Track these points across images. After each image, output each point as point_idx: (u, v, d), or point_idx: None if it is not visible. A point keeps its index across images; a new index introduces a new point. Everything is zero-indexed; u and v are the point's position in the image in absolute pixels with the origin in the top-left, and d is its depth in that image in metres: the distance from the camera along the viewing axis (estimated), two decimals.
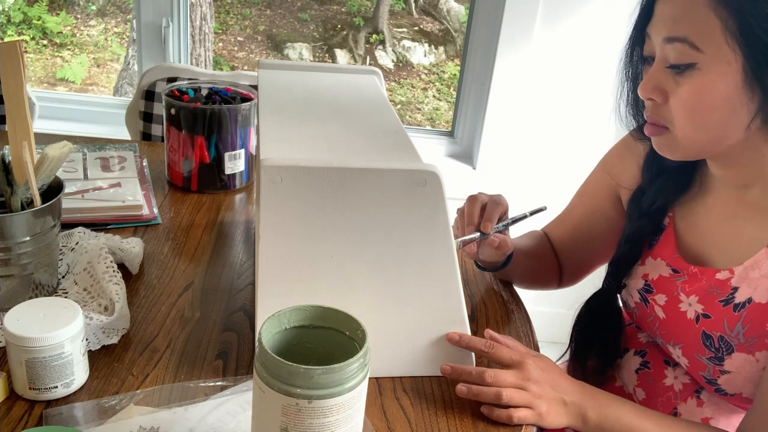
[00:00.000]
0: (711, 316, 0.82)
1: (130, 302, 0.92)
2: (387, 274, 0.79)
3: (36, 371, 0.72)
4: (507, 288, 1.07)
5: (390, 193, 0.75)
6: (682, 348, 0.86)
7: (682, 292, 0.85)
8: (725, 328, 0.80)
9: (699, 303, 0.83)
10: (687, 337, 0.84)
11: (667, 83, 0.75)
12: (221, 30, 4.33)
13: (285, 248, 0.76)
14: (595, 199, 1.03)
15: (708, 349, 0.82)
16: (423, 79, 4.36)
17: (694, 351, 0.84)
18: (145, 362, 0.82)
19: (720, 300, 0.81)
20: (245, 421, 0.73)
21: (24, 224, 0.82)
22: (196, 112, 1.21)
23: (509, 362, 0.79)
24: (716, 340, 0.81)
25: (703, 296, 0.83)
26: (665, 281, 0.88)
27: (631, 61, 0.84)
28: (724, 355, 0.80)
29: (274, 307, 0.78)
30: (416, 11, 4.52)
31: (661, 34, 0.74)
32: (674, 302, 0.86)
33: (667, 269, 0.88)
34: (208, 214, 1.20)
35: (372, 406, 0.78)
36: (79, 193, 1.16)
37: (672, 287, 0.87)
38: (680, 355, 0.86)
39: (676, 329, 0.86)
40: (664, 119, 0.77)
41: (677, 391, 0.89)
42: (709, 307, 0.82)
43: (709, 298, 0.82)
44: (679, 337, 0.86)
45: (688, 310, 0.84)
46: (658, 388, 0.91)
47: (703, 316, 0.82)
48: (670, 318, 0.87)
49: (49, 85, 4.01)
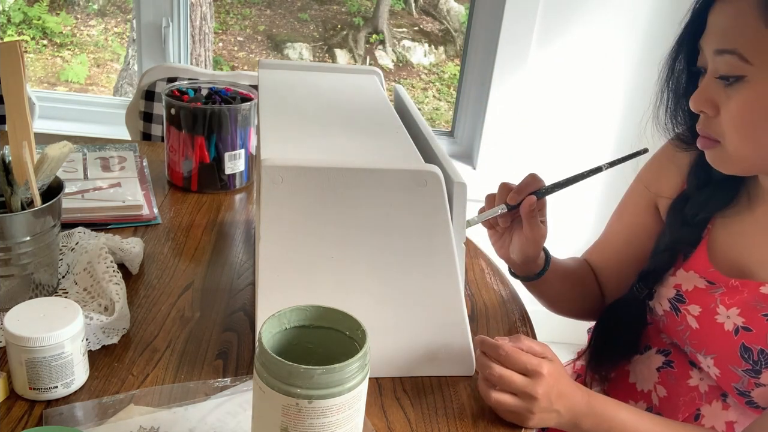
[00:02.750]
0: (753, 329, 0.80)
1: (130, 302, 0.92)
2: (387, 274, 0.79)
3: (36, 371, 0.72)
4: (507, 288, 1.07)
5: (390, 194, 0.75)
6: (714, 359, 0.84)
7: (721, 304, 0.83)
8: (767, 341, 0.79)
9: (740, 316, 0.81)
10: (722, 348, 0.83)
11: (718, 96, 0.74)
12: (221, 30, 4.33)
13: (285, 248, 0.76)
14: (637, 218, 0.98)
15: (746, 362, 0.81)
16: (423, 79, 4.37)
17: (729, 362, 0.82)
18: (145, 362, 0.82)
19: (764, 314, 0.79)
20: (245, 421, 0.73)
21: (24, 224, 0.82)
22: (196, 112, 1.21)
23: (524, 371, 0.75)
24: (756, 354, 0.80)
25: (746, 309, 0.81)
26: (700, 292, 0.86)
27: (673, 71, 0.83)
28: (763, 368, 0.79)
29: (274, 307, 0.78)
30: (416, 11, 4.52)
31: (712, 46, 0.74)
32: (710, 314, 0.84)
33: (702, 281, 0.86)
34: (208, 214, 1.20)
35: (372, 406, 0.78)
36: (79, 193, 1.16)
37: (708, 299, 0.85)
38: (711, 365, 0.85)
39: (709, 340, 0.84)
40: (715, 133, 0.76)
41: (702, 393, 0.88)
42: (752, 321, 0.80)
43: (752, 311, 0.80)
44: (712, 347, 0.84)
45: (725, 322, 0.83)
46: (682, 388, 0.90)
47: (743, 329, 0.81)
48: (705, 329, 0.85)
49: (49, 85, 4.01)
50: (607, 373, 0.99)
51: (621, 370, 0.97)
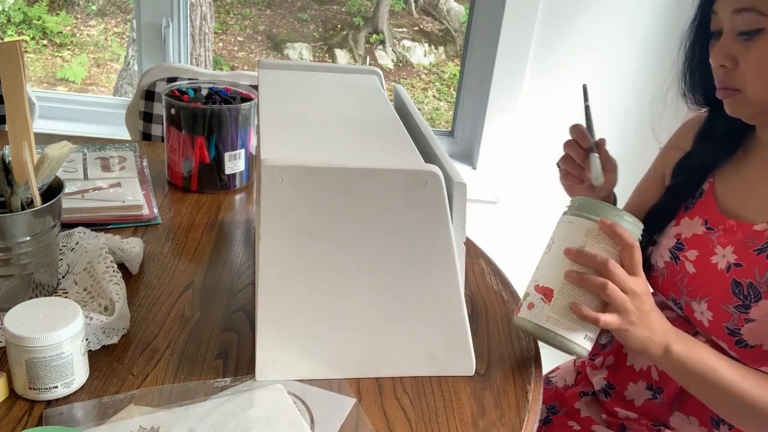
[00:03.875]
0: (743, 264, 0.86)
1: (130, 302, 0.92)
2: (387, 274, 0.79)
3: (36, 371, 0.72)
4: (507, 288, 1.07)
5: (390, 194, 0.75)
6: (708, 302, 0.88)
7: (717, 244, 0.89)
8: (756, 275, 0.84)
9: (733, 253, 0.87)
10: (715, 288, 0.88)
11: (737, 50, 0.82)
12: (221, 30, 4.33)
13: (285, 248, 0.76)
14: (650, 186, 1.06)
15: (736, 297, 0.85)
16: (423, 79, 4.37)
17: (721, 301, 0.87)
18: (145, 362, 0.82)
19: (754, 249, 0.85)
20: (245, 421, 0.73)
21: (24, 224, 0.82)
22: (196, 112, 1.21)
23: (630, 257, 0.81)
24: (745, 287, 0.85)
25: (739, 247, 0.87)
26: (698, 238, 0.92)
27: (696, 38, 0.92)
28: (752, 302, 0.84)
29: (274, 307, 0.78)
30: (416, 11, 4.52)
31: (730, 6, 0.82)
32: (707, 256, 0.90)
33: (702, 227, 0.93)
34: (208, 214, 1.20)
35: (372, 406, 0.78)
36: (79, 193, 1.16)
37: (706, 242, 0.91)
38: (705, 310, 0.89)
39: (704, 282, 0.89)
40: (736, 83, 0.84)
41: None
42: (743, 257, 0.86)
43: (744, 248, 0.86)
44: (706, 289, 0.89)
45: (719, 261, 0.88)
46: None
47: (734, 265, 0.86)
48: (700, 271, 0.90)
49: (49, 85, 4.01)
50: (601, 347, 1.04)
51: (618, 354, 1.00)
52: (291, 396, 0.78)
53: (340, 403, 0.78)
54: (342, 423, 0.75)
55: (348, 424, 0.75)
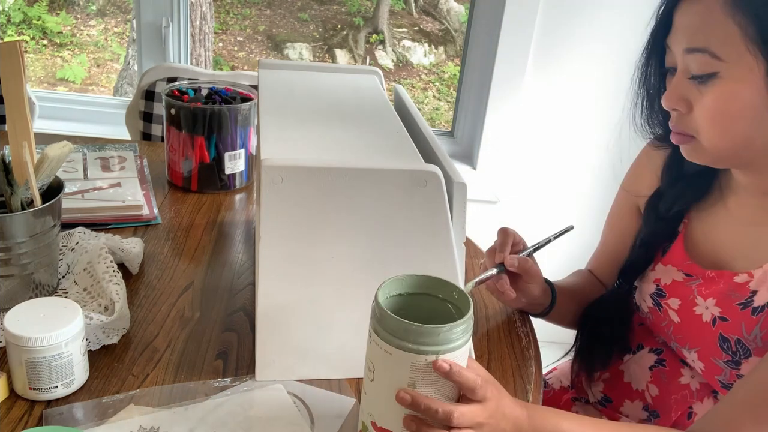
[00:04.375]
0: (729, 318, 0.81)
1: (130, 302, 0.92)
2: (387, 274, 0.79)
3: (36, 371, 0.72)
4: None
5: (390, 194, 0.75)
6: (698, 352, 0.85)
7: (698, 295, 0.84)
8: (743, 331, 0.79)
9: (717, 306, 0.82)
10: (703, 340, 0.83)
11: (691, 93, 0.76)
12: (221, 30, 4.33)
13: (285, 248, 0.76)
14: (622, 223, 1.01)
15: (725, 353, 0.81)
16: (423, 79, 4.37)
17: (711, 354, 0.83)
18: (145, 362, 0.82)
19: (738, 303, 0.80)
20: (245, 421, 0.73)
21: (24, 224, 0.82)
22: (196, 112, 1.21)
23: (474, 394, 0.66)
24: (733, 344, 0.80)
25: (721, 299, 0.82)
26: (678, 285, 0.87)
27: (646, 71, 0.84)
28: (741, 359, 0.80)
29: (274, 307, 0.78)
30: (416, 11, 4.52)
31: (682, 45, 0.75)
32: (689, 305, 0.85)
33: (680, 274, 0.88)
34: (208, 214, 1.20)
35: None
36: (79, 193, 1.16)
37: (686, 291, 0.86)
38: (696, 359, 0.85)
39: (691, 333, 0.85)
40: (689, 128, 0.78)
41: (693, 390, 0.89)
42: (727, 310, 0.81)
43: (727, 301, 0.81)
44: (694, 340, 0.85)
45: (704, 313, 0.84)
46: (673, 386, 0.90)
47: (720, 319, 0.82)
48: (685, 322, 0.86)
49: (49, 85, 4.01)
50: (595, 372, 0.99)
51: (616, 370, 0.98)
52: (291, 396, 0.78)
53: (340, 403, 0.78)
54: (342, 423, 0.75)
55: (348, 424, 0.75)
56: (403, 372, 0.63)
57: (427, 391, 0.64)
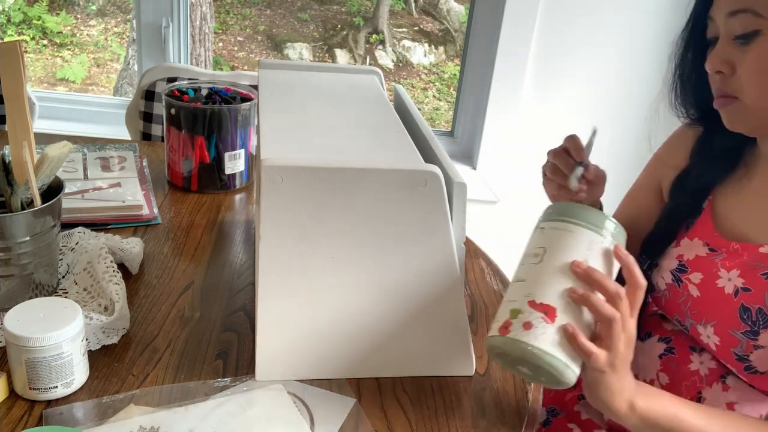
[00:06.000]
0: (752, 289, 0.82)
1: (130, 302, 0.92)
2: (387, 274, 0.79)
3: (36, 371, 0.72)
4: (507, 288, 1.07)
5: (390, 193, 0.75)
6: (714, 326, 0.85)
7: (722, 267, 0.86)
8: (766, 300, 0.81)
9: (740, 277, 0.84)
10: (722, 313, 0.84)
11: (734, 55, 0.79)
12: (221, 30, 4.33)
13: (285, 248, 0.76)
14: (641, 196, 1.04)
15: (744, 323, 0.82)
16: (423, 79, 4.37)
17: (729, 326, 0.84)
18: (145, 362, 0.82)
19: (762, 273, 0.82)
20: (245, 421, 0.73)
21: (24, 224, 0.82)
22: (196, 112, 1.21)
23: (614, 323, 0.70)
24: (754, 313, 0.82)
25: (745, 270, 0.84)
26: (702, 260, 0.89)
27: (688, 46, 0.88)
28: (761, 328, 0.81)
29: (274, 307, 0.78)
30: (416, 11, 4.53)
31: (725, 9, 0.78)
32: (711, 279, 0.86)
33: (704, 249, 0.89)
34: (208, 214, 1.20)
35: (372, 406, 0.78)
36: (79, 193, 1.16)
37: (710, 265, 0.87)
38: (711, 334, 0.86)
39: (710, 306, 0.86)
40: (733, 90, 0.80)
41: (703, 376, 0.89)
42: (751, 281, 0.83)
43: (751, 272, 0.83)
44: (712, 314, 0.86)
45: (726, 285, 0.85)
46: (683, 373, 0.90)
47: (743, 290, 0.83)
48: (705, 295, 0.87)
49: (49, 85, 4.01)
50: None
51: None
52: (291, 396, 0.78)
53: (340, 403, 0.78)
54: (342, 423, 0.75)
55: (348, 424, 0.75)
56: (580, 248, 0.72)
57: None
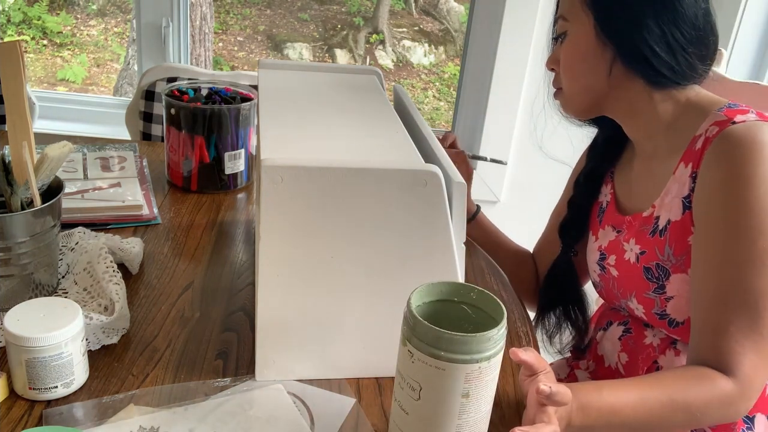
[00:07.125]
0: (646, 250, 0.91)
1: (130, 302, 0.92)
2: (387, 274, 0.79)
3: (36, 371, 0.72)
4: (507, 288, 1.07)
5: (390, 193, 0.75)
6: (635, 296, 0.93)
7: (623, 242, 0.95)
8: (657, 254, 0.89)
9: (636, 244, 0.93)
10: (635, 282, 0.93)
11: (558, 54, 0.94)
12: (221, 30, 4.33)
13: (285, 248, 0.76)
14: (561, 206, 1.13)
15: (650, 282, 0.90)
16: (423, 79, 4.37)
17: (643, 290, 0.92)
18: (145, 362, 0.82)
19: (649, 233, 0.91)
20: (245, 421, 0.73)
21: (24, 224, 0.82)
22: (196, 112, 1.21)
23: None
24: (654, 270, 0.90)
25: (638, 237, 0.93)
26: (612, 243, 0.98)
27: None
28: (664, 281, 0.89)
29: (274, 307, 0.78)
30: (416, 11, 4.53)
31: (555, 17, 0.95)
32: (621, 255, 0.96)
33: (613, 232, 0.99)
34: (208, 214, 1.20)
35: (372, 406, 0.78)
36: (79, 193, 1.16)
37: (618, 244, 0.97)
38: (637, 305, 0.94)
39: (627, 280, 0.95)
40: (558, 83, 0.97)
41: (656, 346, 0.95)
42: (644, 244, 0.92)
43: (642, 236, 0.92)
44: (630, 286, 0.94)
45: (630, 256, 0.94)
46: (639, 347, 0.97)
47: (640, 254, 0.92)
48: (621, 272, 0.95)
49: (49, 85, 4.01)
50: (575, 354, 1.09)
51: (596, 356, 1.04)
52: (291, 396, 0.79)
53: (340, 403, 0.78)
54: (342, 423, 0.75)
55: (348, 424, 0.75)
56: (457, 384, 0.64)
57: (480, 395, 0.65)
